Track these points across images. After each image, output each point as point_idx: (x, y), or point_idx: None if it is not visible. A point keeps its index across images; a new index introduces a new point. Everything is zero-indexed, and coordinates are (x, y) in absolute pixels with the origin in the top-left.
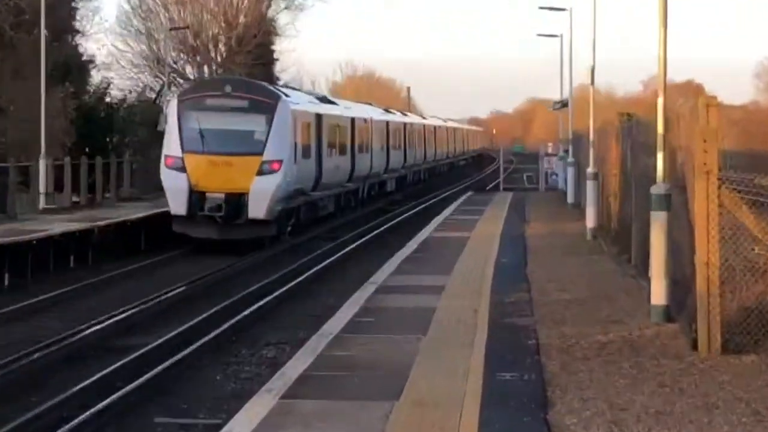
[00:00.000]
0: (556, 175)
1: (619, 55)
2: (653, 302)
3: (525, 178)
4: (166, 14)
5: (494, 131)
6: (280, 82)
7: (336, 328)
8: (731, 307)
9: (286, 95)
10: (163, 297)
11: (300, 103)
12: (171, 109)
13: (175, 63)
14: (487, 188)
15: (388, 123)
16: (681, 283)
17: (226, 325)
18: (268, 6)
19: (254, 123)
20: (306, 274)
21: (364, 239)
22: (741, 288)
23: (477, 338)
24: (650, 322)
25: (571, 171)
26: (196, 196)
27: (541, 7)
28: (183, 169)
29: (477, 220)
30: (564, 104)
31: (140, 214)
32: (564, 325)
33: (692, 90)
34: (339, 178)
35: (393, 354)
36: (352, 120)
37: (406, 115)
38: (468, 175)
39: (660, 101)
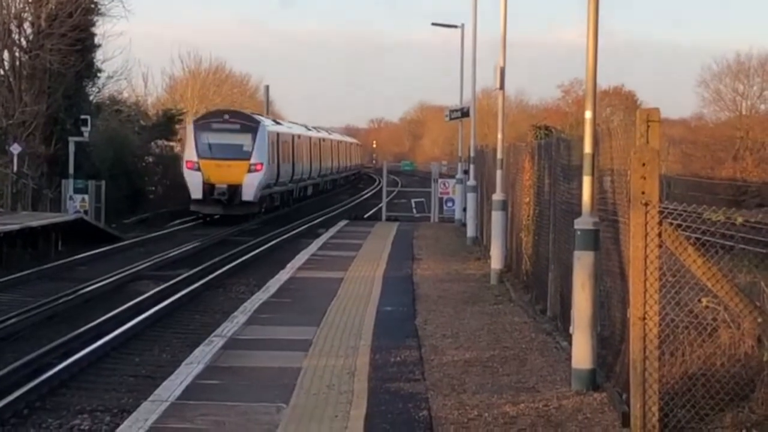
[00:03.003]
0: (453, 201)
1: (533, 53)
2: (575, 365)
3: (413, 204)
4: None
5: (374, 144)
6: (103, 74)
7: (172, 393)
8: (672, 374)
9: (263, 120)
10: None
11: (269, 125)
12: (189, 130)
13: None
14: (366, 216)
15: (310, 138)
16: (610, 341)
17: (24, 389)
18: None
19: (244, 139)
20: (130, 323)
21: (203, 281)
22: (685, 350)
23: (353, 411)
24: (571, 390)
25: (471, 197)
26: (208, 186)
27: None
28: (198, 169)
29: (353, 257)
30: (464, 113)
31: None
32: (463, 393)
33: (621, 98)
34: (286, 179)
35: (246, 430)
36: (293, 137)
37: (319, 131)
38: (340, 200)
39: (588, 115)
